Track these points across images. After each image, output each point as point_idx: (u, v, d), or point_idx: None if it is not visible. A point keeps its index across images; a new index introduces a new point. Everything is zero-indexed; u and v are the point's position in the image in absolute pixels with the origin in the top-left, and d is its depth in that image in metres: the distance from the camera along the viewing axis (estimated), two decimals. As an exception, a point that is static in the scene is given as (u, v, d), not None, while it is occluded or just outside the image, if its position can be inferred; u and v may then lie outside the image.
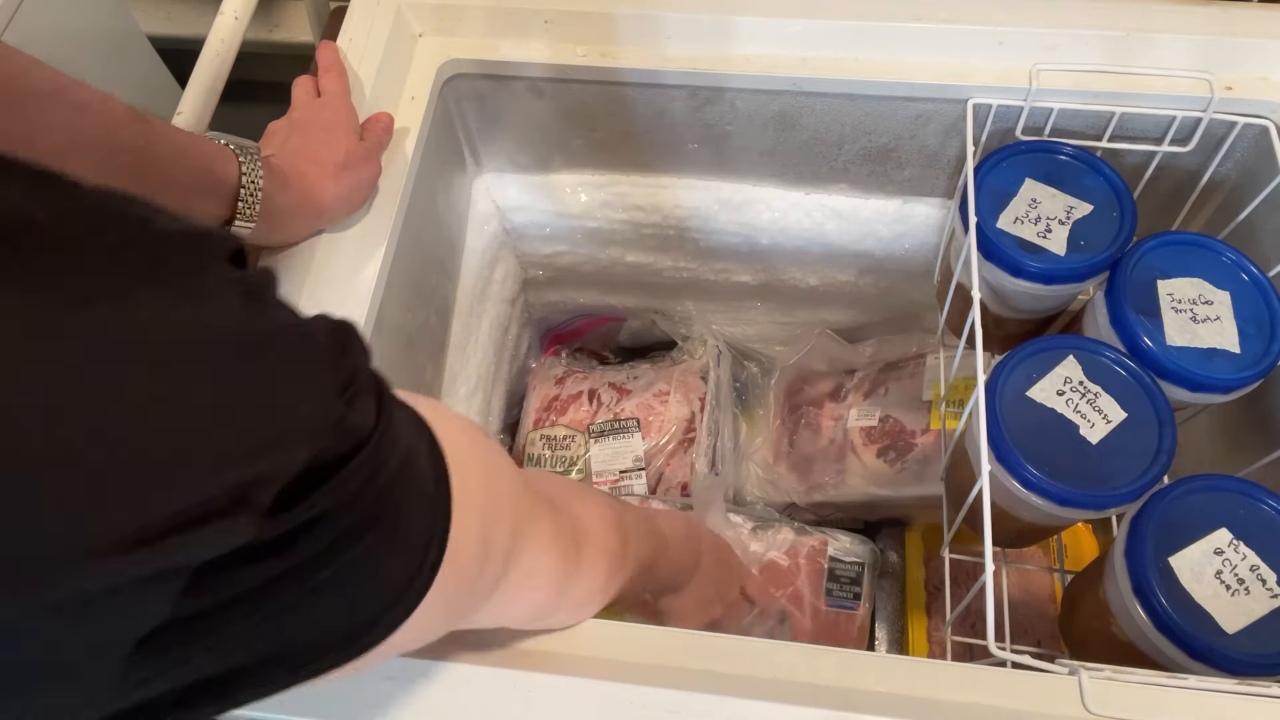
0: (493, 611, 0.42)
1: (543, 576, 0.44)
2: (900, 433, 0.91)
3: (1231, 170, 0.74)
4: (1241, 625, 0.52)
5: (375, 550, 0.29)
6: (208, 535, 0.23)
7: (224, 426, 0.24)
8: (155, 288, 0.24)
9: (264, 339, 0.26)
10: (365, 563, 0.29)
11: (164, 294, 0.24)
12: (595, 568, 0.48)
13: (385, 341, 0.66)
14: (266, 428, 0.25)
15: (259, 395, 0.25)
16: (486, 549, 0.36)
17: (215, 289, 0.25)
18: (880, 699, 0.47)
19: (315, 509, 0.26)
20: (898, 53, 0.71)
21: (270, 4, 1.09)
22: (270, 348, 0.26)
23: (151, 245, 0.25)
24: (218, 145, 0.57)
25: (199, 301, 0.25)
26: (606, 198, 0.89)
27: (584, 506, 0.50)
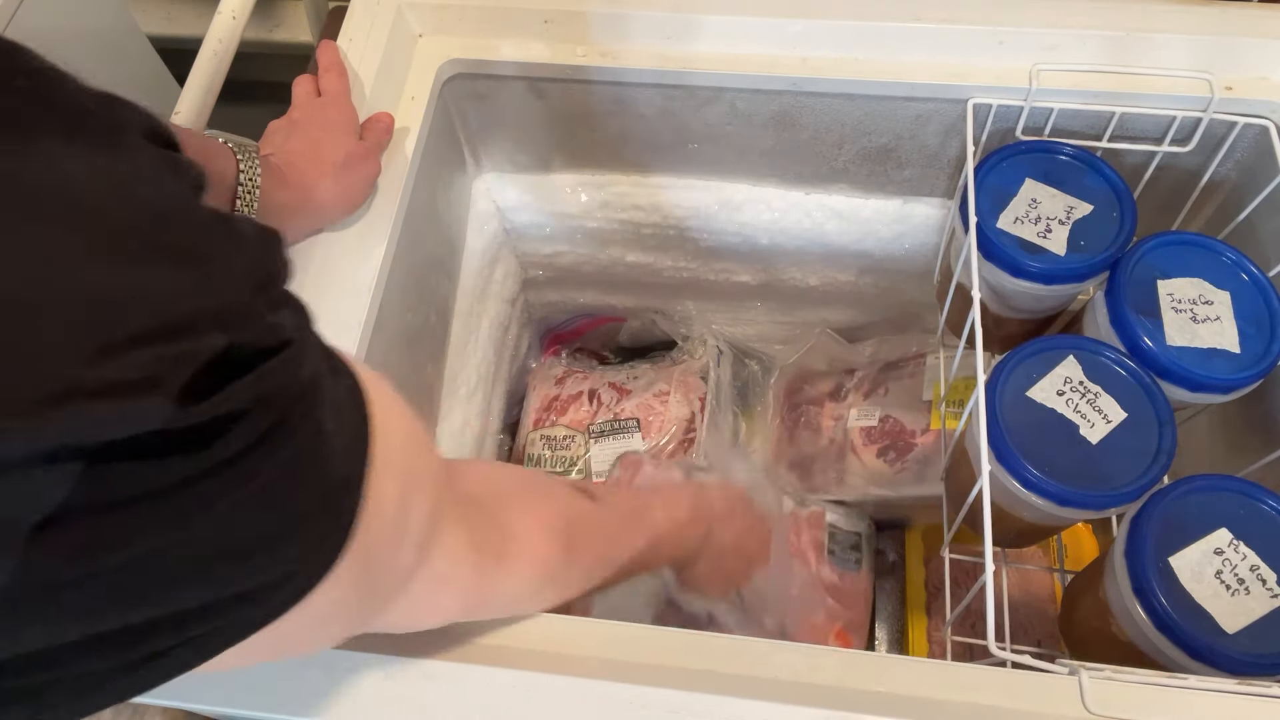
0: (404, 611, 0.39)
1: (456, 584, 0.41)
2: (900, 433, 0.91)
3: (1231, 170, 0.74)
4: (1241, 625, 0.52)
5: (292, 472, 0.26)
6: (113, 410, 0.21)
7: (135, 298, 0.22)
8: (64, 142, 0.22)
9: (182, 214, 0.25)
10: (282, 484, 0.26)
11: (75, 149, 0.22)
12: (518, 578, 0.46)
13: (385, 341, 0.66)
14: (182, 305, 0.23)
15: (175, 270, 0.23)
16: (404, 520, 0.34)
17: (131, 154, 0.24)
18: (880, 699, 0.47)
19: (231, 402, 0.24)
20: (898, 53, 0.71)
21: (270, 4, 1.09)
22: (188, 224, 0.25)
23: (65, 100, 0.23)
24: (215, 143, 0.57)
25: (108, 159, 0.23)
26: (606, 198, 0.89)
27: (521, 513, 0.46)
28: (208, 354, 0.23)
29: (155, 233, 0.23)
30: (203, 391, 0.23)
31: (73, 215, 0.21)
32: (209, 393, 0.23)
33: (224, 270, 0.25)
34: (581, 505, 0.52)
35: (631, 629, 0.50)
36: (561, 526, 0.49)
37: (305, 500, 0.27)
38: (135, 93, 0.48)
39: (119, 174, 0.23)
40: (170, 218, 0.24)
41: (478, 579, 0.43)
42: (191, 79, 0.65)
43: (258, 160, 0.57)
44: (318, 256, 0.64)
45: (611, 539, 0.54)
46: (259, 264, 0.26)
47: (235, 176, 0.56)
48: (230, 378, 0.24)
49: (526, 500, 0.48)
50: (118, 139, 0.24)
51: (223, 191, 0.56)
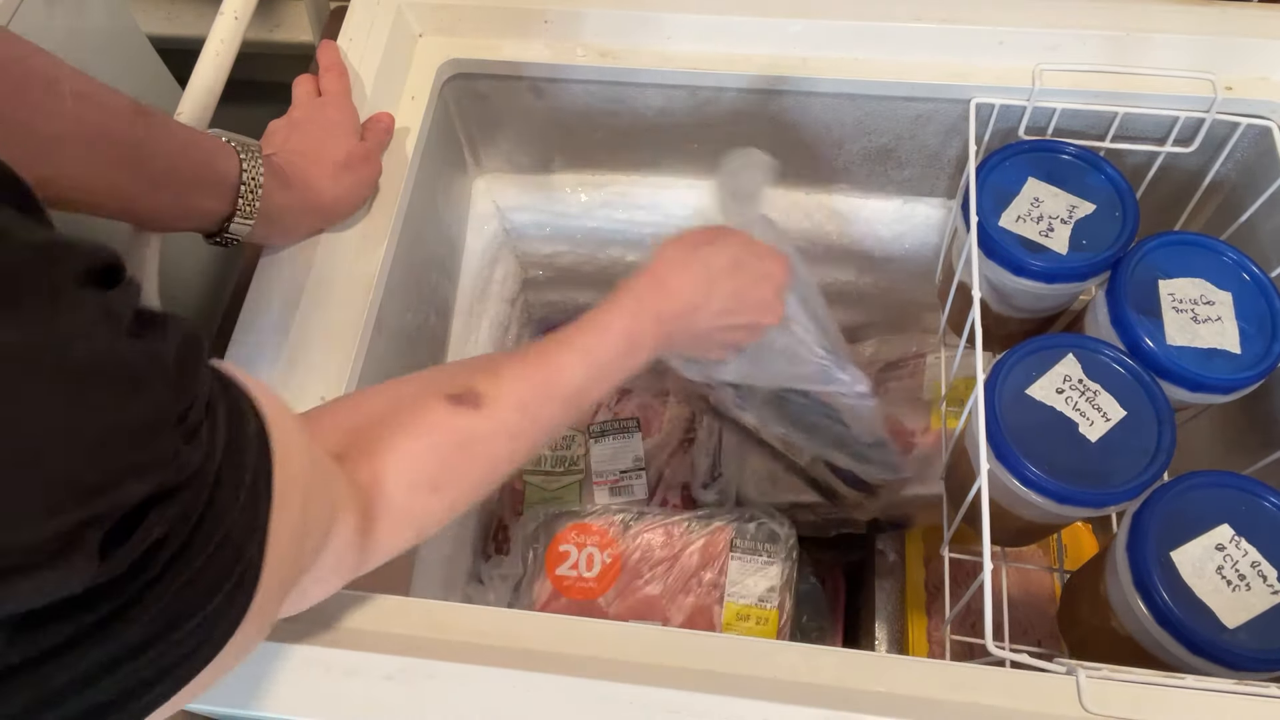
0: (290, 607, 0.42)
1: (343, 570, 0.43)
2: (900, 432, 0.91)
3: (1232, 170, 0.74)
4: (1242, 621, 0.52)
5: (204, 571, 0.30)
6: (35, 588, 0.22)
7: (55, 463, 0.23)
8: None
9: (107, 369, 0.26)
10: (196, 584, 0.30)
11: (5, 315, 0.23)
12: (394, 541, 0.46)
13: (385, 341, 0.66)
14: (103, 464, 0.25)
15: (96, 429, 0.25)
16: (300, 555, 0.37)
17: (64, 310, 0.25)
18: (880, 699, 0.47)
19: (149, 537, 0.27)
20: (898, 53, 0.71)
21: (270, 4, 1.09)
22: (112, 378, 0.26)
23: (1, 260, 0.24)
24: (219, 141, 0.57)
25: (40, 324, 0.24)
26: (606, 198, 0.89)
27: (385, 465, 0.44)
28: (127, 507, 0.26)
29: (82, 393, 0.25)
30: (121, 533, 0.25)
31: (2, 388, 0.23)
32: (128, 532, 0.26)
33: (146, 417, 0.27)
34: (459, 426, 0.47)
35: (631, 629, 0.51)
36: (431, 473, 0.46)
37: (216, 587, 0.31)
38: (135, 93, 0.48)
39: (47, 339, 0.25)
40: (97, 373, 0.26)
41: (361, 557, 0.44)
42: (194, 80, 0.65)
43: (260, 160, 0.57)
44: (318, 256, 0.64)
45: (508, 434, 0.49)
46: (182, 392, 0.29)
47: (238, 176, 0.56)
48: (147, 508, 0.26)
49: (393, 447, 0.45)
50: (50, 298, 0.25)
51: (225, 191, 0.56)
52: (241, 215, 0.57)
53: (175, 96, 0.64)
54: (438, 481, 0.46)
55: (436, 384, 0.48)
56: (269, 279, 0.63)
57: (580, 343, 0.52)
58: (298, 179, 0.61)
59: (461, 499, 0.48)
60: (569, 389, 0.51)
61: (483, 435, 0.48)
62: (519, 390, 0.49)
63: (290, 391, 0.59)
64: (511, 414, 0.49)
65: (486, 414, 0.48)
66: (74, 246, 0.27)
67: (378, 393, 0.48)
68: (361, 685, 0.48)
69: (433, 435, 0.46)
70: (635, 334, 0.54)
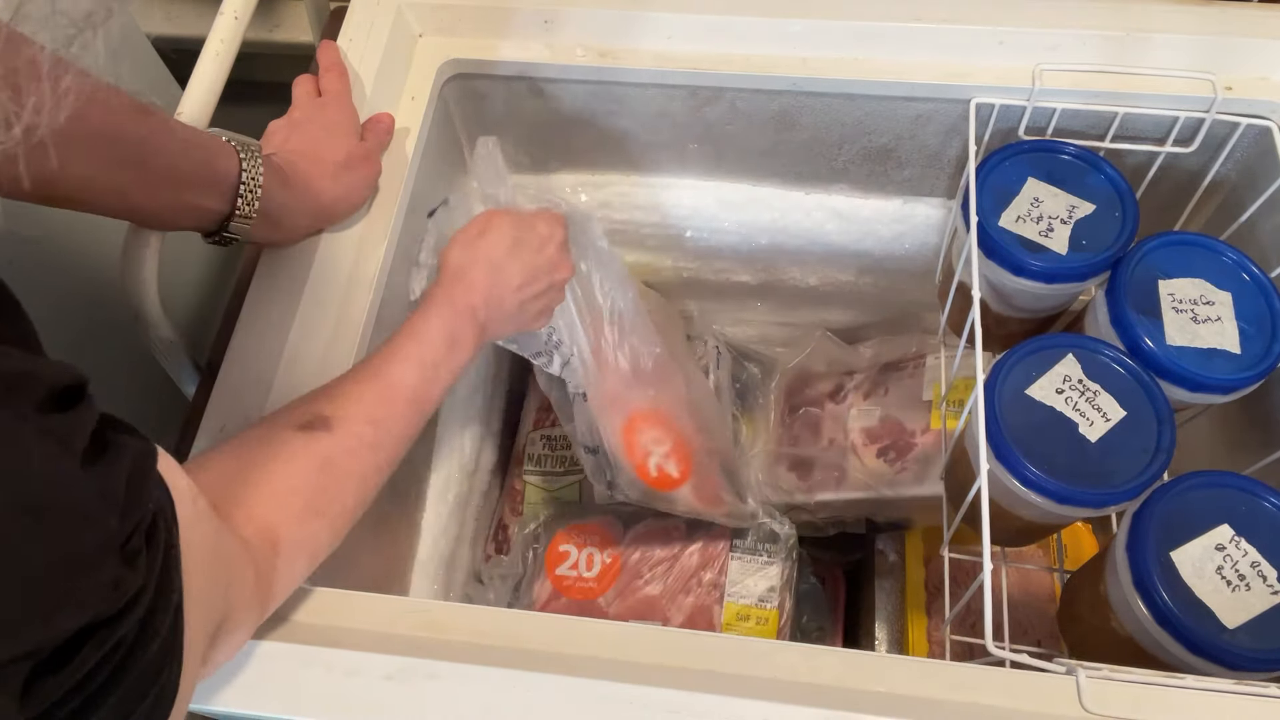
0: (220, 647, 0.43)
1: (247, 623, 0.44)
2: (900, 433, 0.91)
3: (1232, 170, 0.74)
4: (1242, 621, 0.52)
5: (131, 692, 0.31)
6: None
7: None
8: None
9: (58, 504, 0.27)
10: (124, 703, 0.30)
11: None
12: (291, 575, 0.47)
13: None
14: (39, 601, 0.25)
15: (38, 565, 0.25)
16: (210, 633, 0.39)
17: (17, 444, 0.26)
18: (880, 699, 0.47)
19: (78, 672, 0.27)
20: (898, 53, 0.71)
21: (270, 4, 1.09)
22: (62, 513, 0.27)
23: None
24: (219, 141, 0.57)
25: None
26: (606, 198, 0.89)
27: (263, 510, 0.45)
28: (60, 640, 0.26)
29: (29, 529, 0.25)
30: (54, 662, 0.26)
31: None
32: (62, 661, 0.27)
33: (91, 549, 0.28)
34: (318, 450, 0.48)
35: (631, 629, 0.51)
36: (308, 500, 0.47)
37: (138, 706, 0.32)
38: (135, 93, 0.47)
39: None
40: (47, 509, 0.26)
41: (262, 607, 0.45)
42: (194, 80, 0.65)
43: (260, 160, 0.57)
44: (318, 256, 0.64)
45: (367, 447, 0.51)
46: (128, 519, 0.29)
47: (238, 176, 0.56)
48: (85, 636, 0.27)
49: (263, 489, 0.46)
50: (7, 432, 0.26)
51: (225, 190, 0.56)
52: (241, 215, 0.57)
53: (175, 96, 0.64)
54: (317, 505, 0.48)
55: (281, 420, 0.49)
56: (269, 279, 0.63)
57: (406, 351, 0.55)
58: (298, 179, 0.61)
59: (342, 519, 0.50)
60: (408, 394, 0.53)
61: (343, 453, 0.49)
62: (363, 407, 0.51)
63: (290, 391, 0.59)
64: (364, 428, 0.50)
65: (340, 434, 0.49)
66: (37, 374, 0.27)
67: (225, 448, 0.49)
68: (362, 685, 0.48)
69: (297, 463, 0.47)
70: (454, 330, 0.57)
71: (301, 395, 0.52)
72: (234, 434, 0.50)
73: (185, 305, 0.88)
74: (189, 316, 0.86)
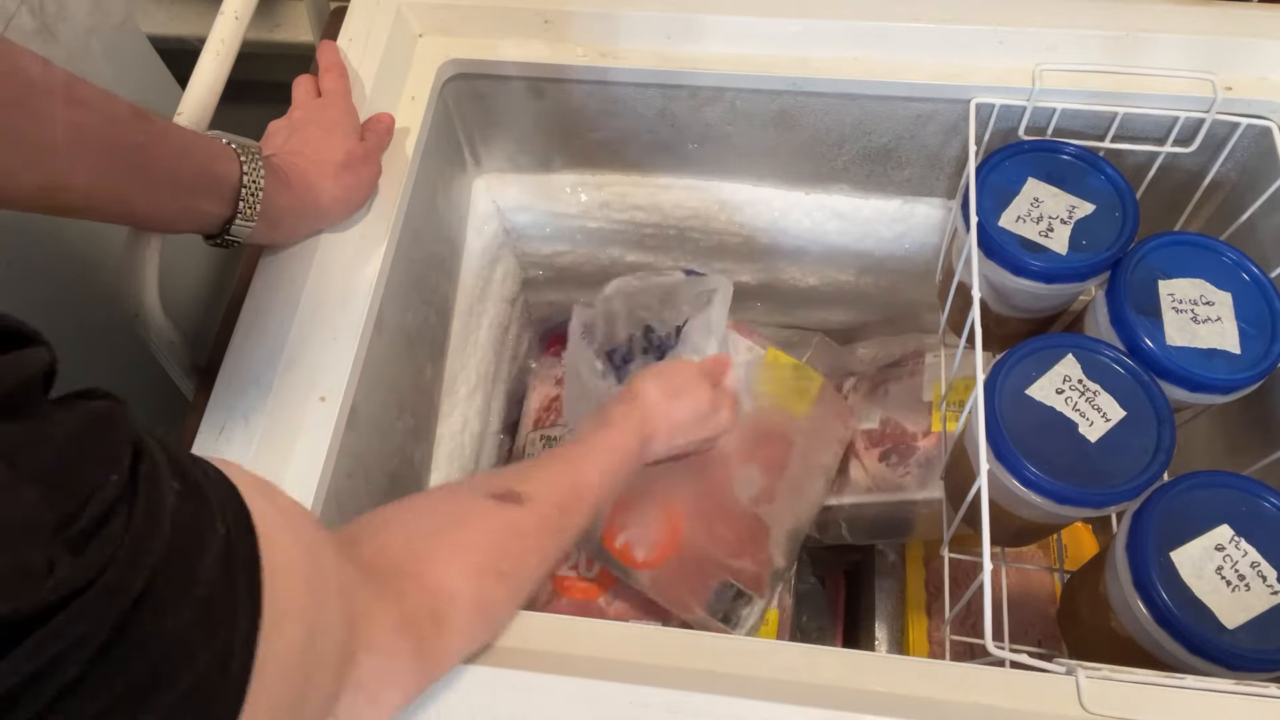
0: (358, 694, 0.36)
1: (397, 675, 0.39)
2: (902, 435, 0.91)
3: (1232, 170, 0.74)
4: (1241, 621, 0.52)
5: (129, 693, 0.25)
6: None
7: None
8: None
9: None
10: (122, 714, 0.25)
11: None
12: (462, 635, 0.45)
13: (385, 341, 0.66)
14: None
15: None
16: (311, 665, 0.31)
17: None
18: (879, 699, 0.47)
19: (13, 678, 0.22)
20: (898, 53, 0.71)
21: (270, 4, 1.09)
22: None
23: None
24: (219, 144, 0.57)
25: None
26: (606, 198, 0.89)
27: (447, 561, 0.44)
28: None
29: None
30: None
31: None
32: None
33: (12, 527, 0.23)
34: (509, 519, 0.49)
35: (631, 629, 0.51)
36: (493, 560, 0.46)
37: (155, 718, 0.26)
38: (135, 93, 0.48)
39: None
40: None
41: (418, 665, 0.41)
42: (194, 80, 0.65)
43: (261, 162, 0.57)
44: (318, 256, 0.64)
45: (552, 529, 0.52)
46: (65, 490, 0.24)
47: (238, 179, 0.56)
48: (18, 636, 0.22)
49: (448, 542, 0.45)
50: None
51: (226, 194, 0.56)
52: (242, 217, 0.57)
53: (175, 97, 0.64)
54: (501, 567, 0.47)
55: (476, 488, 0.50)
56: (269, 279, 0.63)
57: (596, 458, 0.59)
58: (298, 180, 0.61)
59: (522, 588, 0.50)
60: (592, 497, 0.56)
61: (530, 528, 0.50)
62: (555, 492, 0.53)
63: (290, 392, 0.59)
64: (552, 511, 0.52)
65: (530, 509, 0.50)
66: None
67: (411, 502, 0.49)
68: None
69: (486, 524, 0.48)
70: (632, 454, 0.62)
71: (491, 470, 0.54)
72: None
73: (185, 305, 0.88)
74: (189, 316, 0.86)
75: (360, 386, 0.61)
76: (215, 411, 0.58)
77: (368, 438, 0.64)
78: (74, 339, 0.79)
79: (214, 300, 0.91)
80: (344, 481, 0.60)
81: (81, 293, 0.79)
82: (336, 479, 0.59)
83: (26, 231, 0.75)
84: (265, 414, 0.58)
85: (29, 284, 0.76)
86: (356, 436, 0.62)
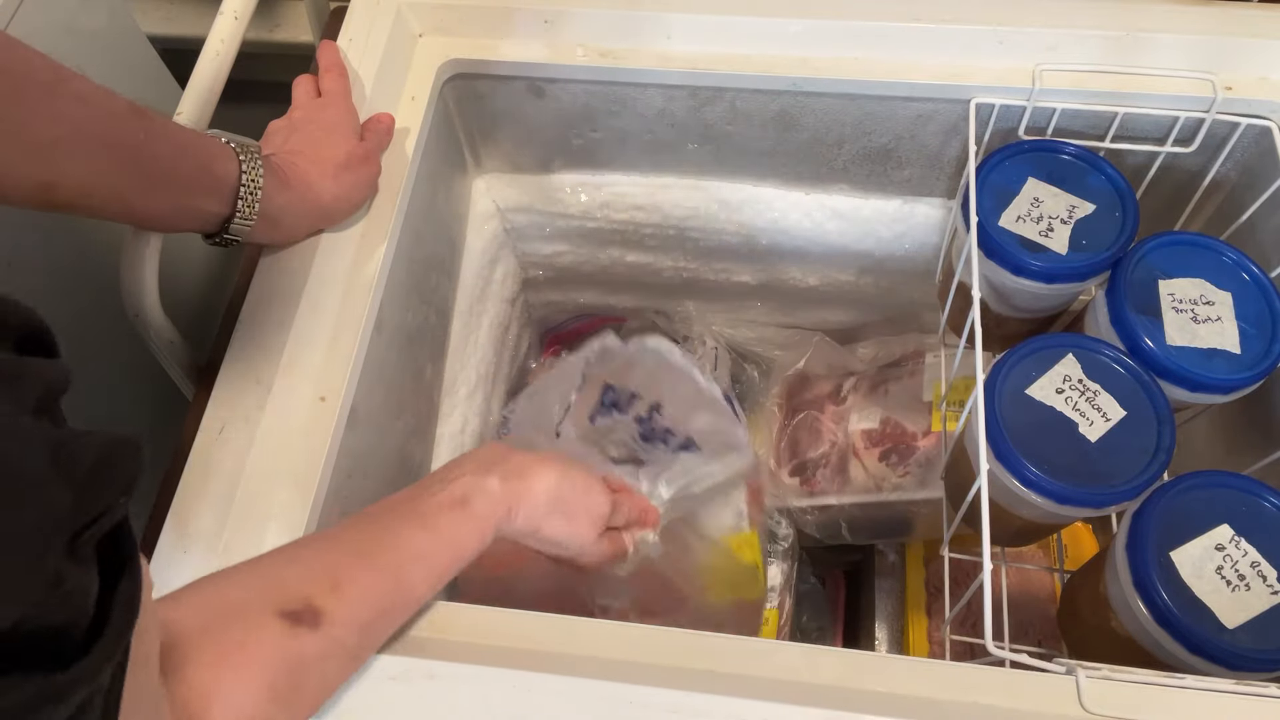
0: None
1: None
2: (902, 435, 0.91)
3: (1232, 170, 0.74)
4: (1241, 621, 0.52)
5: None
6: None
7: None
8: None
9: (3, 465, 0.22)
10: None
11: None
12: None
13: (385, 341, 0.66)
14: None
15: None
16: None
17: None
18: (879, 699, 0.47)
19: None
20: (898, 53, 0.71)
21: (270, 4, 1.09)
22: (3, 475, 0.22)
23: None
24: (218, 143, 0.57)
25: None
26: (606, 198, 0.89)
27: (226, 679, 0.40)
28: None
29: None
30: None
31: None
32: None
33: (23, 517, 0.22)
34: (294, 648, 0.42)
35: (631, 629, 0.51)
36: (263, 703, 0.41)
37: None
38: (135, 93, 0.48)
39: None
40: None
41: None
42: (194, 80, 0.65)
43: (260, 162, 0.57)
44: (318, 256, 0.64)
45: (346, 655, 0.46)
46: (87, 500, 0.24)
47: (238, 178, 0.56)
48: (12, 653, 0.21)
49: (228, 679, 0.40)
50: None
51: (225, 193, 0.56)
52: (241, 217, 0.57)
53: (175, 96, 0.64)
54: (268, 714, 0.42)
55: (270, 594, 0.43)
56: (269, 279, 0.63)
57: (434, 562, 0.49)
58: (297, 179, 0.61)
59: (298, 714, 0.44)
60: (409, 611, 0.49)
61: (317, 657, 0.43)
62: (363, 609, 0.46)
63: (290, 392, 0.59)
64: (351, 636, 0.45)
65: (324, 634, 0.43)
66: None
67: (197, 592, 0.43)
68: (363, 685, 0.48)
69: (263, 662, 0.42)
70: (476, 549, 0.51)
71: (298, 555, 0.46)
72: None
73: (185, 305, 0.88)
74: (189, 316, 0.86)
75: (360, 386, 0.61)
76: (215, 411, 0.58)
77: (368, 438, 0.64)
78: (74, 339, 0.79)
79: (214, 300, 0.91)
80: (344, 481, 0.60)
81: (81, 293, 0.79)
82: (336, 479, 0.59)
83: (26, 230, 0.75)
84: (265, 414, 0.58)
85: (29, 283, 0.76)
86: (356, 436, 0.62)
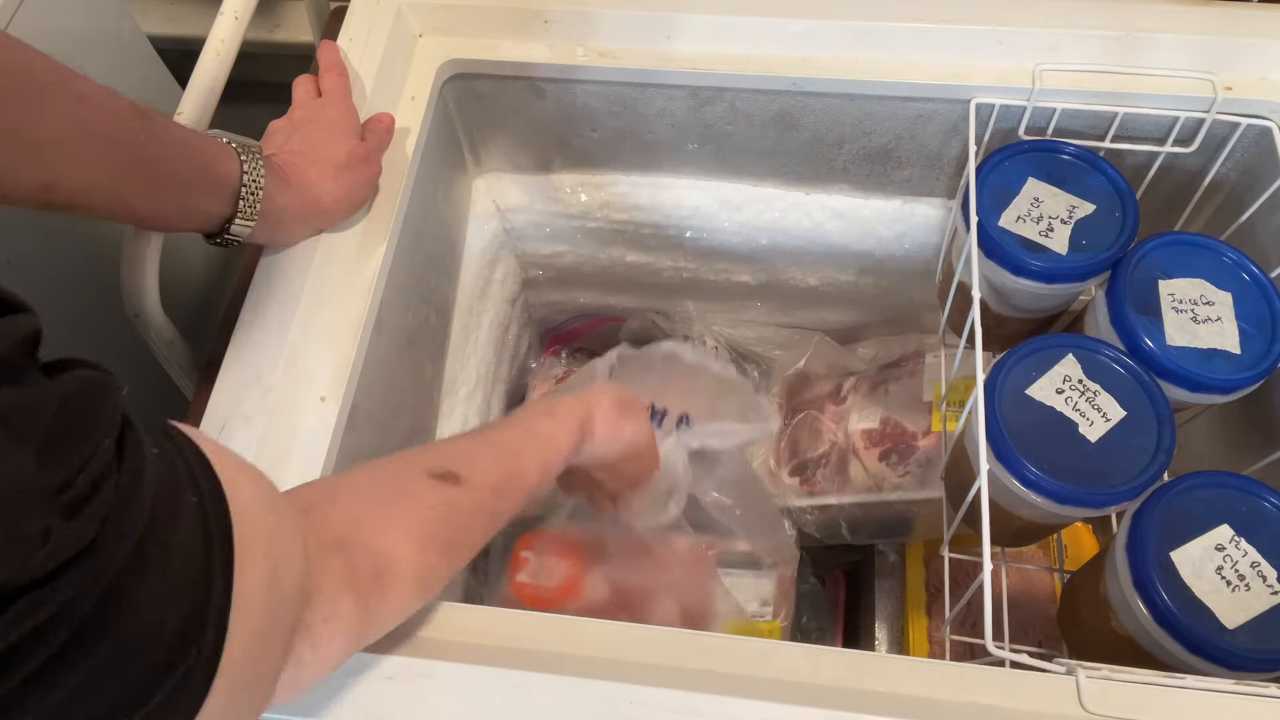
0: (288, 682, 0.38)
1: (341, 623, 0.41)
2: (902, 435, 0.91)
3: (1232, 170, 0.74)
4: (1241, 621, 0.52)
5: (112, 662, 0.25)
6: None
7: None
8: None
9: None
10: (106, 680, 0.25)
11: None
12: (400, 598, 0.46)
13: (385, 341, 0.66)
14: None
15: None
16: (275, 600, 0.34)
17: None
18: (880, 699, 0.47)
19: (18, 629, 0.23)
20: (898, 53, 0.71)
21: (270, 4, 1.09)
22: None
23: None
24: (219, 143, 0.57)
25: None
26: (606, 198, 0.89)
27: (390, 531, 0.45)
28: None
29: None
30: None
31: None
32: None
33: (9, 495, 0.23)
34: (447, 496, 0.49)
35: (631, 629, 0.51)
36: (432, 532, 0.47)
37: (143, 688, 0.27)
38: (135, 93, 0.48)
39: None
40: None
41: (362, 617, 0.43)
42: (194, 80, 0.65)
43: (261, 162, 0.57)
44: (318, 256, 0.64)
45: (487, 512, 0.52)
46: (61, 457, 0.25)
47: (239, 178, 0.56)
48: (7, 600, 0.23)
49: (391, 513, 0.47)
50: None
51: (226, 193, 0.56)
52: (242, 217, 0.57)
53: (175, 97, 0.64)
54: (442, 542, 0.47)
55: (414, 464, 0.49)
56: (269, 279, 0.63)
57: (537, 448, 0.56)
58: (298, 179, 0.61)
59: (459, 561, 0.50)
60: (527, 486, 0.55)
61: (466, 508, 0.50)
62: (491, 477, 0.52)
63: (290, 392, 0.59)
64: (489, 495, 0.51)
65: (466, 490, 0.50)
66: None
67: (355, 477, 0.49)
68: (362, 685, 0.48)
69: (427, 500, 0.48)
70: (567, 451, 0.58)
71: (429, 444, 0.53)
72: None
73: (185, 305, 0.88)
74: (189, 316, 0.86)
75: (360, 386, 0.61)
76: (215, 411, 0.58)
77: (368, 438, 0.64)
78: (74, 339, 0.79)
79: (214, 300, 0.91)
80: (344, 481, 0.60)
81: (81, 292, 0.79)
82: (336, 479, 0.59)
83: (26, 230, 0.75)
84: (265, 414, 0.58)
85: (28, 283, 0.76)
86: (356, 436, 0.62)
